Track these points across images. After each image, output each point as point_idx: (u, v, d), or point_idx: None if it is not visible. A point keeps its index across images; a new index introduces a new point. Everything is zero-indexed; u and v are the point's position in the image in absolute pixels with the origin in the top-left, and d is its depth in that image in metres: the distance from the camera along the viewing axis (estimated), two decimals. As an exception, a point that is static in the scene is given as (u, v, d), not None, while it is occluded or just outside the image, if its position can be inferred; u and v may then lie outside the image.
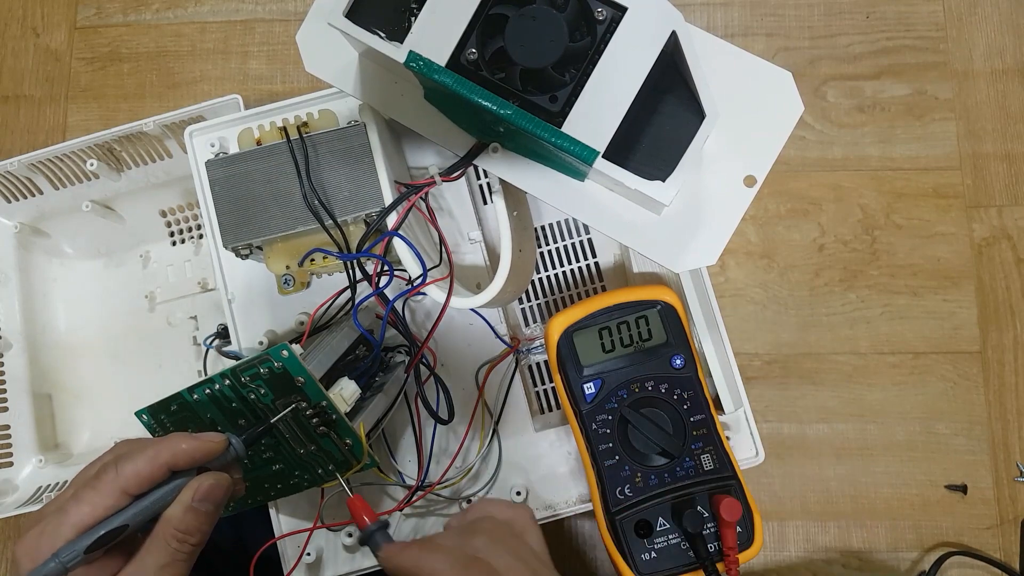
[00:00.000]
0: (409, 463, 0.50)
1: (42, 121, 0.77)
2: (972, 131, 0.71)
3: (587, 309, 0.47)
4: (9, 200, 0.64)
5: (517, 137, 0.38)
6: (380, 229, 0.44)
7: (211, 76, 0.77)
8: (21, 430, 0.63)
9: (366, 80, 0.40)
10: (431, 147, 0.51)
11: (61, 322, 0.67)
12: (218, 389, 0.41)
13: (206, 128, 0.51)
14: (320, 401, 0.40)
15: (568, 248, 0.57)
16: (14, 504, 0.59)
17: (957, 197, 0.70)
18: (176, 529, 0.34)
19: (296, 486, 0.44)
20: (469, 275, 0.51)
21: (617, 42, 0.34)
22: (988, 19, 0.73)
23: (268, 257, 0.47)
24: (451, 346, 0.51)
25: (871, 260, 0.70)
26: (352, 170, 0.45)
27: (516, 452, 0.50)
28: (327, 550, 0.49)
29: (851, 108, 0.72)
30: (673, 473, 0.44)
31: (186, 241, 0.67)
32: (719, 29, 0.74)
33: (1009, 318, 0.68)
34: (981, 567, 0.64)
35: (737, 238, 0.70)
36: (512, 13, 0.33)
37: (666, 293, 0.47)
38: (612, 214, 0.39)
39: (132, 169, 0.64)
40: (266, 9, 0.77)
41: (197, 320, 0.66)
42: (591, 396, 0.46)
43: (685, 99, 0.36)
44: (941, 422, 0.67)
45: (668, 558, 0.44)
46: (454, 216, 0.52)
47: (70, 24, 0.78)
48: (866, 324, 0.69)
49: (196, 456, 0.35)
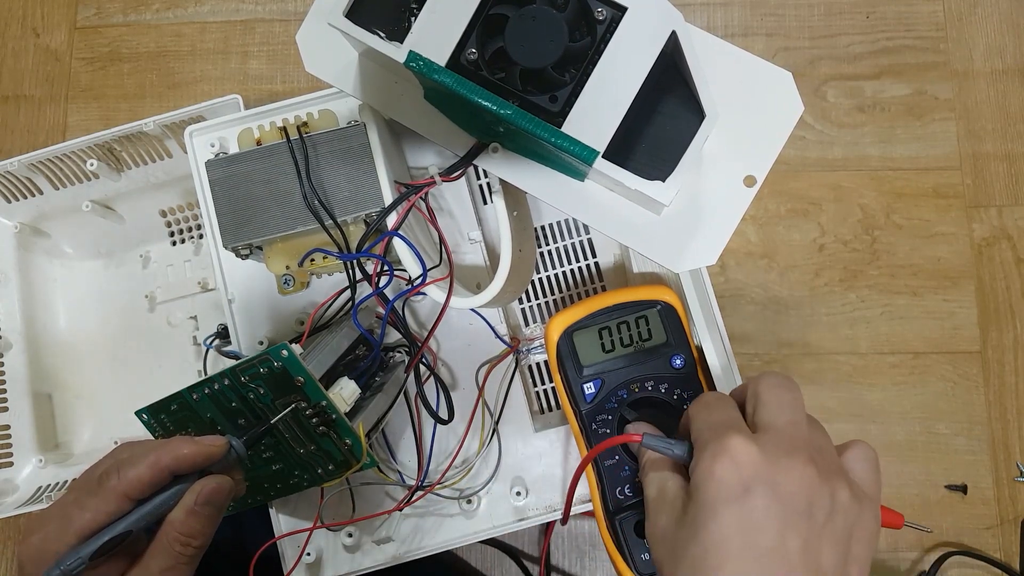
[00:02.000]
0: (409, 463, 0.50)
1: (42, 121, 0.77)
2: (972, 131, 0.71)
3: (587, 309, 0.47)
4: (9, 200, 0.64)
5: (517, 137, 0.38)
6: (380, 229, 0.44)
7: (211, 76, 0.77)
8: (21, 430, 0.63)
9: (366, 80, 0.40)
10: (431, 147, 0.51)
11: (61, 322, 0.67)
12: (218, 389, 0.41)
13: (206, 128, 0.51)
14: (320, 401, 0.40)
15: (568, 248, 0.57)
16: (14, 504, 0.59)
17: (957, 197, 0.70)
18: (180, 532, 0.34)
19: (296, 486, 0.44)
20: (469, 275, 0.51)
21: (617, 42, 0.34)
22: (988, 19, 0.73)
23: (268, 257, 0.47)
24: (451, 346, 0.51)
25: (871, 260, 0.70)
26: (352, 170, 0.45)
27: (516, 452, 0.50)
28: (327, 550, 0.49)
29: (851, 108, 0.72)
30: (673, 473, 0.44)
31: (186, 241, 0.67)
32: (719, 29, 0.74)
33: (1009, 318, 0.68)
34: (981, 567, 0.64)
35: (737, 238, 0.70)
36: (512, 13, 0.33)
37: (666, 293, 0.47)
38: (612, 214, 0.39)
39: (132, 169, 0.64)
40: (266, 9, 0.78)
41: (197, 320, 0.66)
42: (591, 396, 0.46)
43: (685, 99, 0.36)
44: (941, 422, 0.67)
45: (668, 558, 0.44)
46: (454, 216, 0.52)
47: (70, 24, 0.78)
48: (866, 324, 0.69)
49: (198, 460, 0.35)
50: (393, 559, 0.49)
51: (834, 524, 0.30)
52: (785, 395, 0.33)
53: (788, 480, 0.30)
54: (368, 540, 0.49)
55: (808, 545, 0.29)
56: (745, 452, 0.30)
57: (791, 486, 0.30)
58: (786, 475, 0.30)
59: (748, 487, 0.30)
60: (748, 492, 0.30)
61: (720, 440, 0.31)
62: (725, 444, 0.31)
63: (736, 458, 0.30)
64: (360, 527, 0.49)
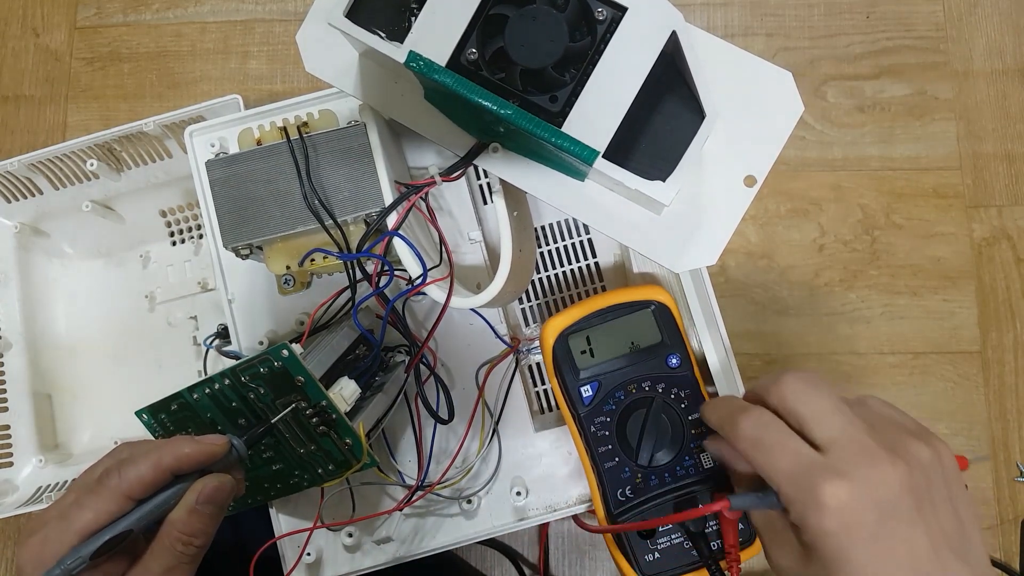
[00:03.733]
0: (409, 463, 0.50)
1: (42, 121, 0.77)
2: (972, 131, 0.71)
3: (581, 312, 0.47)
4: (9, 200, 0.64)
5: (517, 137, 0.38)
6: (380, 229, 0.44)
7: (211, 76, 0.77)
8: (21, 430, 0.63)
9: (366, 80, 0.40)
10: (431, 147, 0.51)
11: (61, 322, 0.67)
12: (218, 389, 0.41)
13: (206, 128, 0.51)
14: (320, 401, 0.40)
15: (568, 248, 0.57)
16: (14, 504, 0.59)
17: (957, 197, 0.70)
18: (180, 532, 0.34)
19: (296, 486, 0.44)
20: (469, 275, 0.51)
21: (617, 42, 0.34)
22: (988, 19, 0.73)
23: (268, 257, 0.47)
24: (451, 346, 0.51)
25: (871, 260, 0.70)
26: (352, 170, 0.45)
27: (516, 452, 0.50)
28: (327, 550, 0.49)
29: (851, 108, 0.72)
30: (674, 473, 0.44)
31: (186, 241, 0.67)
32: (719, 29, 0.74)
33: (1009, 318, 0.68)
34: (981, 567, 0.64)
35: (737, 238, 0.70)
36: (512, 13, 0.33)
37: (659, 293, 0.47)
38: (612, 214, 0.39)
39: (132, 169, 0.64)
40: (266, 9, 0.78)
41: (197, 320, 0.66)
42: (588, 399, 0.46)
43: (685, 99, 0.36)
44: (941, 422, 0.67)
45: (671, 558, 0.44)
46: (454, 216, 0.52)
47: (70, 24, 0.78)
48: (866, 324, 0.69)
49: (199, 460, 0.35)
50: (393, 559, 0.49)
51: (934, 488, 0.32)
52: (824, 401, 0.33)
53: (886, 487, 0.31)
54: (368, 540, 0.49)
55: (930, 530, 0.30)
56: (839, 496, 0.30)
57: (889, 492, 0.31)
58: (881, 486, 0.31)
59: (860, 523, 0.30)
60: (862, 527, 0.30)
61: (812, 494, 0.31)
62: (819, 499, 0.31)
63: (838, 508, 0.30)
64: (360, 527, 0.49)
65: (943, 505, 0.32)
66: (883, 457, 0.31)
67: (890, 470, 0.31)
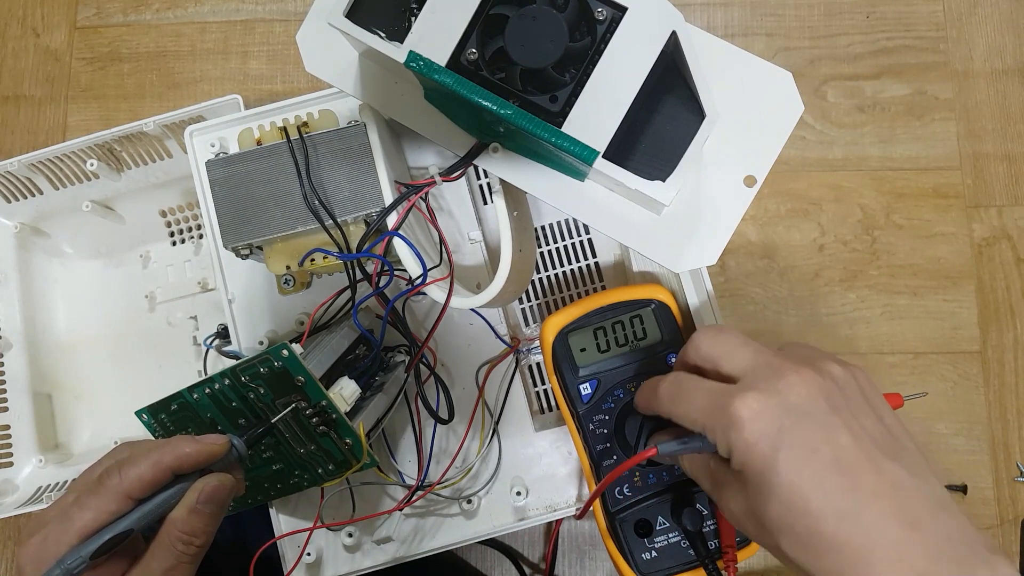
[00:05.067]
0: (409, 463, 0.50)
1: (42, 121, 0.77)
2: (972, 131, 0.71)
3: (581, 310, 0.47)
4: (9, 200, 0.64)
5: (517, 137, 0.38)
6: (380, 229, 0.44)
7: (211, 76, 0.77)
8: (21, 430, 0.63)
9: (366, 80, 0.40)
10: (431, 147, 0.51)
11: (61, 322, 0.67)
12: (218, 389, 0.41)
13: (206, 128, 0.51)
14: (320, 401, 0.40)
15: (568, 248, 0.57)
16: (14, 504, 0.59)
17: (957, 197, 0.70)
18: (181, 531, 0.34)
19: (296, 486, 0.44)
20: (469, 275, 0.52)
21: (617, 42, 0.34)
22: (988, 19, 0.73)
23: (268, 257, 0.47)
24: (451, 346, 0.51)
25: (871, 260, 0.70)
26: (352, 170, 0.45)
27: (516, 452, 0.50)
28: (327, 550, 0.49)
29: (851, 108, 0.72)
30: (672, 471, 0.44)
31: (186, 241, 0.67)
32: (719, 29, 0.74)
33: (1009, 318, 0.68)
34: (981, 567, 0.64)
35: (737, 238, 0.70)
36: (512, 13, 0.33)
37: (660, 291, 0.47)
38: (612, 214, 0.39)
39: (132, 169, 0.64)
40: (266, 9, 0.77)
41: (197, 320, 0.66)
42: (587, 397, 0.46)
43: (685, 99, 0.36)
44: (941, 422, 0.67)
45: (669, 557, 0.44)
46: (454, 216, 0.52)
47: (70, 24, 0.78)
48: (866, 324, 0.69)
49: (200, 459, 0.35)
50: (393, 559, 0.49)
51: (849, 396, 0.33)
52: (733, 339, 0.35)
53: (796, 393, 0.31)
54: (368, 540, 0.49)
55: (851, 429, 0.31)
56: (751, 407, 0.31)
57: (801, 395, 0.31)
58: (791, 392, 0.32)
59: (778, 429, 0.31)
60: (781, 433, 0.31)
61: (725, 414, 0.32)
62: (733, 416, 0.31)
63: (751, 418, 0.31)
64: (360, 527, 0.49)
65: (863, 410, 0.32)
66: (792, 368, 0.32)
67: (798, 378, 0.32)
